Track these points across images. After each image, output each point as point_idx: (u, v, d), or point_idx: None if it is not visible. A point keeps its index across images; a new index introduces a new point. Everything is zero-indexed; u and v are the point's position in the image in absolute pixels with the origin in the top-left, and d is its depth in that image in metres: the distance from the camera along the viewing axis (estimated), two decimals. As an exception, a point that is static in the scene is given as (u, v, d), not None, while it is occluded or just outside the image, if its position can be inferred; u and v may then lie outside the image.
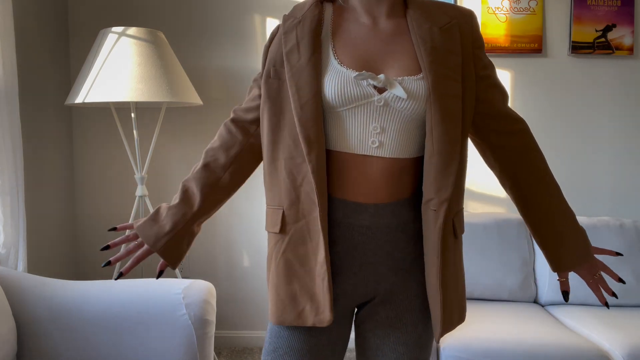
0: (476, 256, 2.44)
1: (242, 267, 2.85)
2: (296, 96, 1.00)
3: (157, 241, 1.12)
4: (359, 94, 0.99)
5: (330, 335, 1.08)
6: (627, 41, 2.68)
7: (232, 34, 2.75)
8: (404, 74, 1.00)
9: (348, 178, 1.02)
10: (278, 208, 1.06)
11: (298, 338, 1.06)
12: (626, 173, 2.76)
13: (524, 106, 2.74)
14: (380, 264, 1.06)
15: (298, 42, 1.03)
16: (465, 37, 1.04)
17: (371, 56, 1.02)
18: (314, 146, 0.99)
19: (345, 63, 1.01)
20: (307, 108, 0.99)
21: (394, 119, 1.00)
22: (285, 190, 1.03)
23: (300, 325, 1.03)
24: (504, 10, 2.69)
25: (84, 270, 2.83)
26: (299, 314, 1.03)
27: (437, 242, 1.00)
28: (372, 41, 1.03)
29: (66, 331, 1.71)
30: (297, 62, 1.01)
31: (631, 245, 2.45)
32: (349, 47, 1.03)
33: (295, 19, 1.06)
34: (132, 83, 2.17)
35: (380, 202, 1.03)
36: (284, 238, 1.05)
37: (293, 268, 1.04)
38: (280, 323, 1.05)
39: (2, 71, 1.96)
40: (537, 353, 1.89)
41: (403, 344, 1.08)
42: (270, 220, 1.08)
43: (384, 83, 0.98)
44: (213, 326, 1.77)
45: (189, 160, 2.80)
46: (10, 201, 1.99)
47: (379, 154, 1.01)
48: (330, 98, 1.00)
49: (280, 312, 1.05)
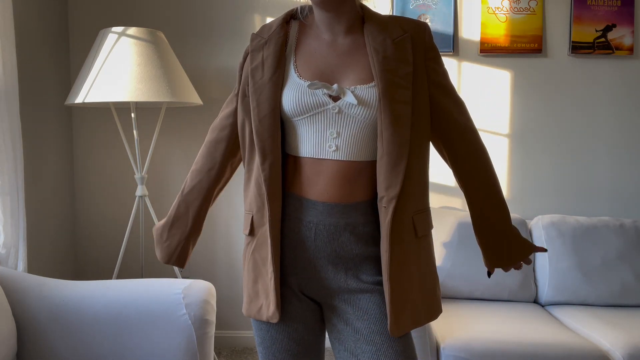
0: (476, 256, 2.43)
1: (242, 267, 2.84)
2: (256, 111, 1.12)
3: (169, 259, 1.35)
4: (314, 102, 1.09)
5: (299, 327, 1.17)
6: (627, 41, 2.68)
7: (232, 34, 2.75)
8: (357, 83, 1.09)
9: (304, 177, 1.12)
10: (249, 213, 1.18)
11: (276, 329, 1.17)
12: (626, 173, 2.76)
13: (523, 106, 2.74)
14: (328, 262, 1.12)
15: (263, 61, 1.14)
16: (418, 48, 1.13)
17: (329, 68, 1.12)
18: (268, 157, 1.10)
19: (303, 76, 1.12)
20: (264, 122, 1.10)
21: (348, 125, 1.09)
22: (253, 197, 1.15)
23: (259, 319, 1.16)
24: (504, 10, 2.69)
25: (84, 270, 2.83)
26: (259, 310, 1.16)
27: (386, 238, 1.07)
28: (331, 55, 1.13)
29: (66, 331, 1.71)
30: (259, 80, 1.13)
31: (631, 245, 2.45)
32: (309, 61, 1.13)
33: (262, 39, 1.16)
34: (132, 83, 2.17)
35: (331, 202, 1.10)
36: (253, 240, 1.18)
37: (258, 267, 1.17)
38: (248, 316, 1.19)
39: (2, 71, 1.96)
40: (537, 353, 1.89)
41: (378, 332, 1.10)
42: (244, 224, 1.20)
43: (337, 92, 1.08)
44: (213, 326, 1.77)
45: (189, 160, 2.80)
46: (10, 201, 1.99)
47: (335, 157, 1.10)
48: (288, 109, 1.11)
49: (247, 305, 1.20)
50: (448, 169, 2.74)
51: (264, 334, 1.18)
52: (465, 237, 2.46)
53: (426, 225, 1.16)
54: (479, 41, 2.70)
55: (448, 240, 2.47)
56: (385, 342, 1.09)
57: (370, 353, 1.09)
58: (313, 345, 1.20)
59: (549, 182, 2.76)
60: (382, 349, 1.09)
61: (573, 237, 2.46)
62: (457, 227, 2.48)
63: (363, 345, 1.10)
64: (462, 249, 2.44)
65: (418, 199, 1.13)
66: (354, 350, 1.12)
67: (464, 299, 2.45)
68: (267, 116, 1.10)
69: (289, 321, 1.16)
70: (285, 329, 1.16)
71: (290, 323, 1.16)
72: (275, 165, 1.10)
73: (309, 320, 1.18)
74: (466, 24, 2.72)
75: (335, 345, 1.17)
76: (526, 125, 2.75)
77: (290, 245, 1.14)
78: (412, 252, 1.11)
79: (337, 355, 1.16)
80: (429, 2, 2.69)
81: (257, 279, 1.17)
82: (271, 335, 1.17)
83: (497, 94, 2.74)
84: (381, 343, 1.10)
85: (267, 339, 1.17)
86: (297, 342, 1.17)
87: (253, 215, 1.16)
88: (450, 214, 2.56)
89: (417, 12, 2.69)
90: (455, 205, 2.77)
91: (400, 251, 1.09)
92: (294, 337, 1.16)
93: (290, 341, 1.16)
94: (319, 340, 1.21)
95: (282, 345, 1.16)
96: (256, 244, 1.16)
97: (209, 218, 2.82)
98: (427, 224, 1.17)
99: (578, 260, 2.42)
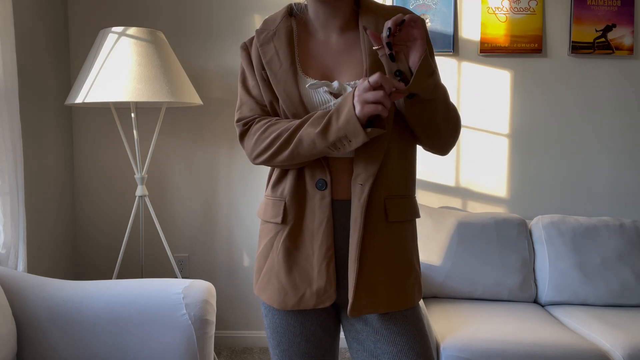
0: (476, 256, 2.44)
1: (242, 267, 2.85)
2: (287, 101, 1.11)
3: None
4: (319, 100, 1.10)
5: (317, 329, 1.17)
6: (627, 41, 2.68)
7: (232, 34, 2.75)
8: (354, 78, 1.11)
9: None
10: (280, 200, 1.14)
11: (293, 332, 1.16)
12: (626, 173, 2.76)
13: (523, 106, 2.74)
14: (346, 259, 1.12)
15: (277, 51, 1.14)
16: None
17: (327, 67, 1.14)
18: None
19: (308, 74, 1.13)
20: (299, 113, 1.11)
21: None
22: (290, 184, 1.13)
23: (302, 308, 1.12)
24: (504, 10, 2.69)
25: (84, 270, 2.84)
26: (300, 299, 1.12)
27: (360, 217, 1.07)
28: (328, 54, 1.15)
29: (66, 331, 1.71)
30: (279, 69, 1.12)
31: (631, 245, 2.45)
32: (310, 60, 1.15)
33: (269, 31, 1.17)
34: (132, 83, 2.17)
35: (345, 199, 1.11)
36: (285, 228, 1.13)
37: (293, 256, 1.13)
38: (284, 308, 1.14)
39: (2, 71, 1.96)
40: (537, 353, 1.89)
41: (399, 333, 1.10)
42: (270, 211, 1.16)
43: (338, 89, 1.09)
44: (213, 326, 1.77)
45: (189, 160, 2.80)
46: (10, 201, 1.99)
47: (340, 155, 1.10)
48: None
49: (283, 297, 1.13)
50: (448, 169, 2.76)
51: (281, 337, 1.17)
52: (465, 237, 2.46)
53: (401, 212, 1.13)
54: (479, 41, 2.70)
55: (448, 240, 2.47)
56: (407, 343, 1.09)
57: (392, 354, 1.09)
58: (329, 347, 1.19)
59: (549, 182, 2.76)
60: (403, 350, 1.09)
61: (573, 237, 2.46)
62: (457, 227, 2.48)
63: (384, 346, 1.10)
64: (462, 249, 2.44)
65: (395, 182, 1.12)
66: (373, 350, 1.11)
67: (464, 299, 2.45)
68: (299, 107, 1.10)
69: (307, 323, 1.16)
70: (303, 331, 1.16)
71: (308, 325, 1.16)
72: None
73: (325, 322, 1.17)
74: (466, 24, 2.72)
75: (353, 345, 1.16)
76: (526, 125, 2.75)
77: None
78: (380, 236, 1.09)
79: (355, 355, 1.16)
80: (429, 2, 2.69)
81: (292, 268, 1.13)
82: (288, 339, 1.16)
83: (497, 94, 2.74)
84: (403, 344, 1.09)
85: (284, 342, 1.17)
86: (314, 345, 1.16)
87: (286, 202, 1.13)
88: (450, 214, 2.56)
89: (417, 12, 2.69)
90: (455, 205, 2.77)
91: (369, 232, 1.08)
92: (311, 339, 1.16)
93: (307, 344, 1.16)
94: (334, 342, 1.21)
95: (300, 347, 1.16)
96: (289, 231, 1.13)
97: (209, 218, 2.82)
98: (404, 211, 1.13)
99: (578, 260, 2.42)
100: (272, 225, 1.16)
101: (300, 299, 1.11)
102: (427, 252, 2.47)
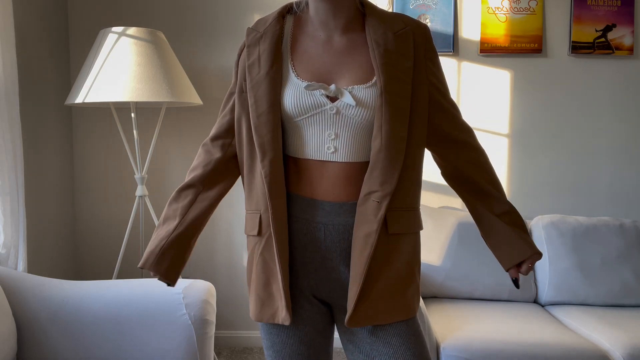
0: (476, 256, 2.44)
1: (242, 268, 2.85)
2: (254, 107, 1.09)
3: (145, 262, 1.17)
4: (312, 103, 1.08)
5: (310, 330, 1.15)
6: (627, 41, 2.68)
7: (232, 34, 2.75)
8: (355, 83, 1.08)
9: (307, 178, 1.11)
10: (255, 212, 1.13)
11: (286, 334, 1.14)
12: (626, 173, 2.76)
13: (523, 106, 2.74)
14: (340, 262, 1.10)
15: (259, 55, 1.12)
16: (419, 45, 1.12)
17: (325, 68, 1.10)
18: (267, 153, 1.08)
19: (301, 76, 1.10)
20: (263, 118, 1.09)
21: (346, 126, 1.08)
22: (261, 195, 1.11)
23: (273, 322, 1.11)
24: (504, 10, 2.69)
25: (84, 270, 2.84)
26: (274, 313, 1.11)
27: (374, 234, 1.04)
28: (327, 55, 1.11)
29: (66, 331, 1.71)
30: (256, 75, 1.11)
31: (631, 245, 2.45)
32: (305, 60, 1.12)
33: (258, 33, 1.14)
34: (132, 83, 2.17)
35: (338, 201, 1.09)
36: (261, 240, 1.12)
37: (269, 268, 1.12)
38: (259, 320, 1.14)
39: (2, 71, 1.96)
40: (537, 353, 1.89)
41: (395, 335, 1.09)
42: (249, 224, 1.16)
43: (335, 92, 1.06)
44: (213, 326, 1.77)
45: (189, 160, 2.80)
46: (10, 201, 1.99)
47: (334, 159, 1.09)
48: (289, 109, 1.09)
49: (259, 309, 1.13)
50: (448, 169, 2.76)
51: (274, 338, 1.15)
52: (465, 237, 2.46)
53: (401, 225, 1.10)
54: (479, 41, 2.70)
55: (448, 240, 2.47)
56: (403, 344, 1.08)
57: (387, 355, 1.08)
58: (323, 347, 1.18)
59: (549, 182, 2.76)
60: (399, 351, 1.08)
61: (573, 237, 2.46)
62: (457, 227, 2.48)
63: (380, 347, 1.09)
64: (462, 249, 2.44)
65: (403, 195, 1.10)
66: (369, 352, 1.10)
67: (464, 299, 2.45)
68: (266, 112, 1.08)
69: (300, 324, 1.14)
70: (296, 332, 1.14)
71: (301, 327, 1.14)
72: (276, 161, 1.08)
73: (318, 323, 1.16)
74: (466, 24, 2.72)
75: (348, 347, 1.16)
76: (526, 125, 2.75)
77: (300, 247, 1.11)
78: (381, 248, 1.07)
79: (350, 357, 1.15)
80: (429, 2, 2.69)
81: (269, 281, 1.12)
82: (281, 340, 1.14)
83: (497, 94, 2.74)
84: (398, 345, 1.08)
85: (278, 342, 1.15)
86: (308, 346, 1.15)
87: (261, 215, 1.11)
88: (450, 214, 2.56)
89: (417, 12, 2.69)
90: (455, 205, 2.77)
91: (379, 249, 1.07)
92: (305, 340, 1.14)
93: (300, 345, 1.14)
94: (328, 342, 1.20)
95: (293, 349, 1.14)
96: (265, 243, 1.11)
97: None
98: (403, 224, 1.10)
99: (578, 260, 2.42)
100: (251, 238, 1.16)
101: (275, 312, 1.10)
102: (427, 252, 2.47)
